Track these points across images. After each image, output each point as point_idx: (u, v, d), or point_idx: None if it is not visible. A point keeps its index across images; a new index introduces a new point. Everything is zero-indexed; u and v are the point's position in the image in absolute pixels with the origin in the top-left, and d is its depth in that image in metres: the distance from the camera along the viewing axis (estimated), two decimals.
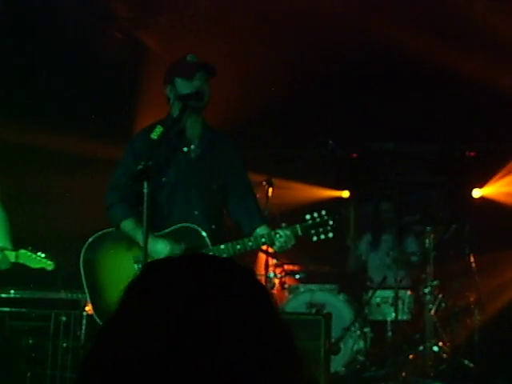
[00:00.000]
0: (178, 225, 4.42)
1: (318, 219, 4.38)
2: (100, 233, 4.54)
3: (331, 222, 4.39)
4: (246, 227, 4.56)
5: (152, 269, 1.13)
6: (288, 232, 4.33)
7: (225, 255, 4.34)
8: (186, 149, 4.48)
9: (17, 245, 5.33)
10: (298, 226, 4.38)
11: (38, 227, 7.59)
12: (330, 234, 4.40)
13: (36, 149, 7.54)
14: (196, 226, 4.41)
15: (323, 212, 4.39)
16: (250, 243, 4.37)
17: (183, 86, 4.37)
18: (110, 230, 4.52)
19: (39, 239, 5.80)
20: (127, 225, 4.40)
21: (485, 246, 7.94)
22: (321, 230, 4.38)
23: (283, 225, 4.42)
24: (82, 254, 4.48)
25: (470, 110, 8.44)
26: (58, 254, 7.11)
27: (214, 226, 4.50)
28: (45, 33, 7.55)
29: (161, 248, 4.29)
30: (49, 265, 5.22)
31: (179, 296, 1.05)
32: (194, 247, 4.36)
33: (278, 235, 4.31)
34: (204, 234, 4.39)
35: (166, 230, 4.42)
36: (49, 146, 7.49)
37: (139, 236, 4.22)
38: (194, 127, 4.49)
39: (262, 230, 4.47)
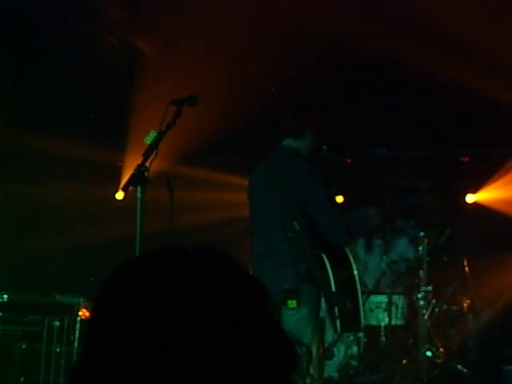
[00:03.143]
0: None
1: None
2: None
3: None
4: None
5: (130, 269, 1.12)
6: None
7: None
8: None
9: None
10: None
11: (31, 232, 7.59)
12: None
13: (28, 152, 7.54)
14: None
15: None
16: None
17: (312, 143, 5.59)
18: None
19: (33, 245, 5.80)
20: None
21: (478, 252, 7.95)
22: None
23: None
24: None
25: (464, 116, 8.46)
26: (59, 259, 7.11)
27: None
28: (39, 37, 7.55)
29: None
30: None
31: (164, 297, 1.05)
32: None
33: None
34: None
35: None
36: (41, 150, 7.49)
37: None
38: None
39: None
